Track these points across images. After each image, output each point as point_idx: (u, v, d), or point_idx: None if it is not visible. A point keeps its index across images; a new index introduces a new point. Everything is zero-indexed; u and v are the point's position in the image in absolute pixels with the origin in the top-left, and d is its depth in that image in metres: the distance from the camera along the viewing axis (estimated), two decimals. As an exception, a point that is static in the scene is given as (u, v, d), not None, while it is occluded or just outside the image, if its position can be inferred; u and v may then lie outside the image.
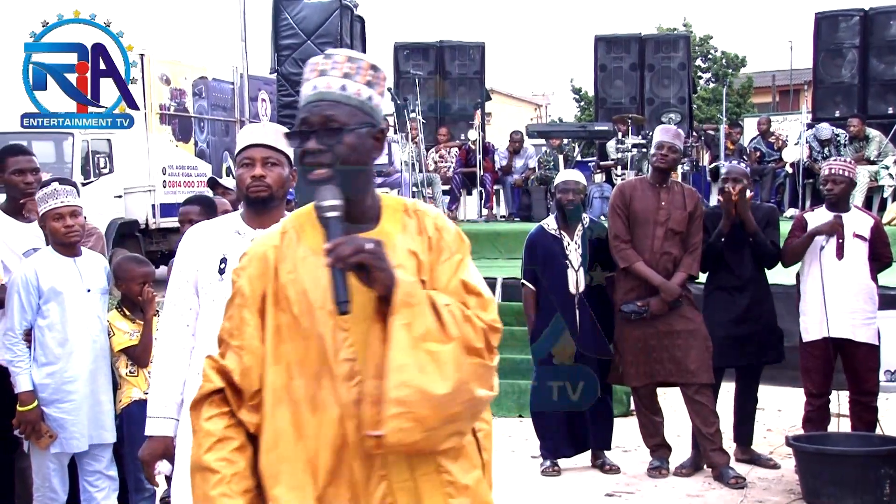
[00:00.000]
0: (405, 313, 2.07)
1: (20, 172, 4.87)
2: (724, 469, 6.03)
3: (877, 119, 13.02)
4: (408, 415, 2.05)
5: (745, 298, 6.23)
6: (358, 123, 2.18)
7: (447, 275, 2.21)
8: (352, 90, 2.19)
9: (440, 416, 2.07)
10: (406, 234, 2.24)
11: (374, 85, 2.23)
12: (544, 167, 13.66)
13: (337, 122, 2.17)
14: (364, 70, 2.22)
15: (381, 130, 2.24)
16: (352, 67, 2.21)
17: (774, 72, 27.56)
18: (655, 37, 16.10)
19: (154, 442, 3.29)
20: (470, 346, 2.10)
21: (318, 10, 12.86)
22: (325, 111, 2.18)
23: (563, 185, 6.41)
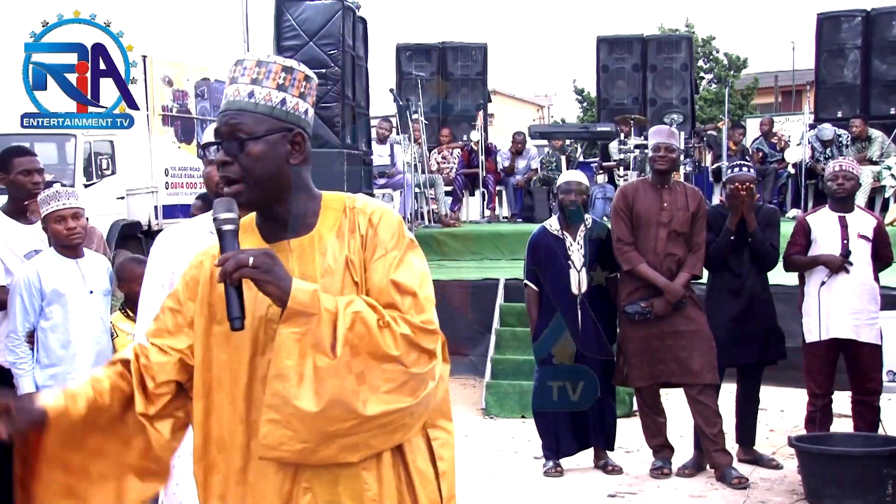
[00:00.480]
0: (298, 322, 2.03)
1: (27, 173, 4.88)
2: (726, 469, 6.03)
3: (879, 119, 13.00)
4: (279, 423, 2.03)
5: (746, 298, 6.23)
6: (266, 130, 2.13)
7: (379, 273, 2.15)
8: (260, 96, 2.15)
9: (313, 431, 2.02)
10: (339, 237, 2.19)
11: (288, 87, 2.17)
12: (547, 168, 13.65)
13: (242, 132, 2.13)
14: (275, 73, 2.16)
15: (298, 134, 2.18)
16: (260, 72, 2.16)
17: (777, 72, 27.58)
18: (657, 38, 16.09)
19: None
20: (383, 354, 2.03)
21: (320, 11, 12.84)
22: (231, 120, 2.14)
23: (565, 186, 6.41)
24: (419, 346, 2.07)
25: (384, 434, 2.08)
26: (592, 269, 6.26)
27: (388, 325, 2.06)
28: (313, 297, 2.05)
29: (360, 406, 2.02)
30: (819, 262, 5.98)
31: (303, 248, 2.19)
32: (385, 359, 2.04)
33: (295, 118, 2.18)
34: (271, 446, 2.04)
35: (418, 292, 2.14)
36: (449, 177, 13.71)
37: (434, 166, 13.74)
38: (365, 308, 2.06)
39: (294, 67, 2.19)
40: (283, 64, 2.18)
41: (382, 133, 13.40)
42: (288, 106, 2.17)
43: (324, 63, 12.67)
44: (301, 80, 2.20)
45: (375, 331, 2.04)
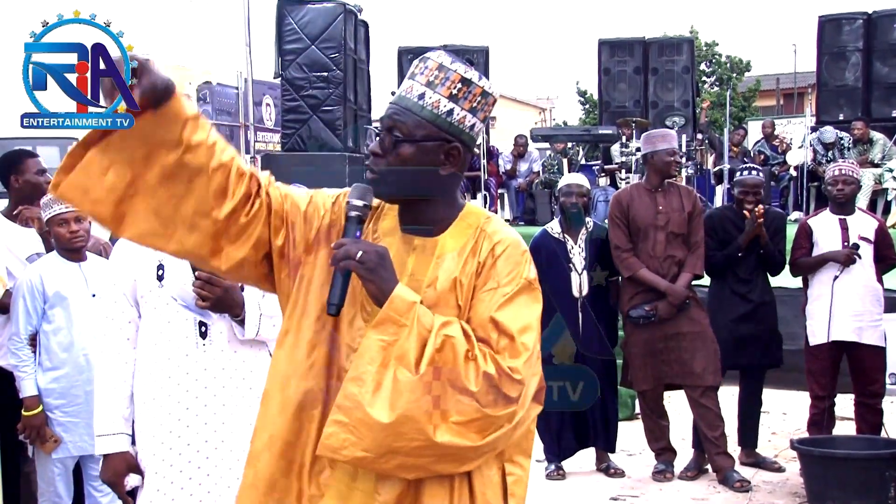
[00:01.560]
0: (388, 330, 2.01)
1: (42, 173, 4.93)
2: (728, 472, 6.03)
3: (881, 122, 13.00)
4: (345, 426, 2.00)
5: (749, 300, 6.24)
6: (423, 136, 2.11)
7: (484, 305, 2.10)
8: (429, 100, 2.11)
9: (379, 442, 1.99)
10: (460, 255, 2.15)
11: (461, 99, 2.12)
12: (548, 171, 13.66)
13: (399, 130, 2.11)
14: (451, 82, 2.12)
15: (456, 147, 2.13)
16: (438, 77, 2.12)
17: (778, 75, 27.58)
18: (659, 40, 16.09)
19: (113, 461, 3.16)
20: (461, 385, 2.00)
21: (322, 14, 12.87)
22: (395, 116, 2.13)
23: (566, 189, 6.41)
24: (499, 389, 2.02)
25: (445, 462, 2.05)
26: (592, 269, 6.26)
27: (476, 358, 2.02)
28: (410, 308, 2.02)
29: (431, 430, 1.99)
30: (826, 259, 5.98)
31: (424, 249, 2.17)
32: (462, 391, 2.00)
33: (458, 130, 2.14)
34: (332, 448, 2.02)
35: (516, 336, 2.07)
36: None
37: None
38: (459, 334, 2.03)
39: (473, 81, 2.14)
40: (463, 75, 2.13)
41: (384, 136, 13.41)
42: (454, 117, 2.12)
43: (325, 66, 12.71)
44: (477, 95, 2.15)
45: (461, 360, 2.01)
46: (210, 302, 3.05)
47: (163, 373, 3.14)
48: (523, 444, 2.23)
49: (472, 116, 2.15)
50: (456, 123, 2.13)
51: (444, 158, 2.14)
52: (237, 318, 3.13)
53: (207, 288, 3.03)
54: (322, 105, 12.71)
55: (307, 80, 12.76)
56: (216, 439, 3.12)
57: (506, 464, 2.19)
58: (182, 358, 3.13)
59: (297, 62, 12.82)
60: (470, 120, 2.15)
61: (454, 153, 2.15)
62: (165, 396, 3.13)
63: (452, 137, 2.13)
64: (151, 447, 3.15)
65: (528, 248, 2.22)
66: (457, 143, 2.14)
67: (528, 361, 2.07)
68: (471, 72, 2.15)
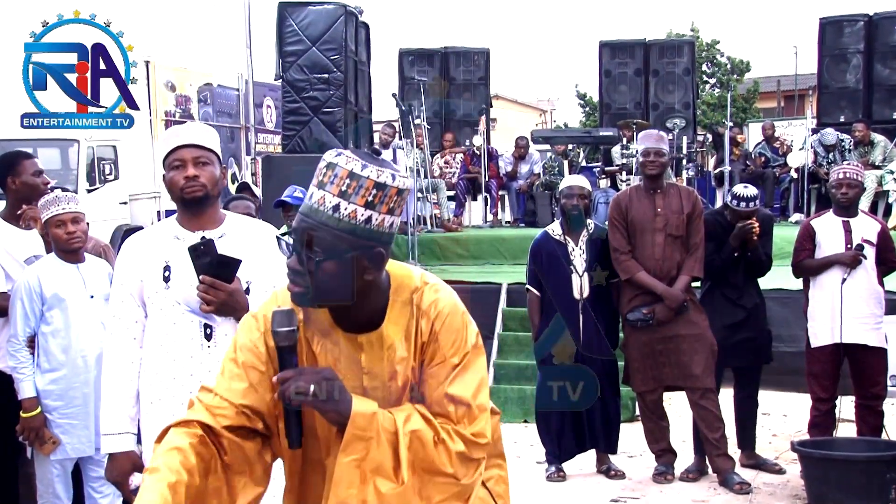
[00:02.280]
0: (356, 448, 2.03)
1: (38, 174, 4.93)
2: (729, 474, 6.03)
3: (881, 124, 13.00)
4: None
5: (742, 305, 6.25)
6: (345, 249, 2.03)
7: (435, 381, 2.12)
8: (345, 212, 2.02)
9: None
10: (406, 339, 2.15)
11: (377, 205, 2.04)
12: (549, 173, 13.65)
13: (318, 246, 2.03)
14: (365, 189, 2.02)
15: (378, 252, 2.07)
16: (350, 185, 2.02)
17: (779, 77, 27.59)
18: (660, 42, 16.09)
19: (119, 460, 3.19)
20: (438, 470, 2.06)
21: (322, 16, 12.87)
22: (310, 231, 2.04)
23: (567, 191, 6.41)
24: (470, 458, 2.08)
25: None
26: (592, 269, 6.25)
27: (444, 441, 2.06)
28: (372, 420, 2.04)
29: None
30: (832, 262, 5.97)
31: (371, 344, 2.15)
32: (439, 474, 2.06)
33: (378, 235, 2.06)
34: None
35: (472, 403, 2.11)
36: (451, 181, 13.72)
37: (437, 171, 13.73)
38: (422, 425, 2.06)
39: (387, 184, 2.04)
40: (377, 180, 2.03)
41: (385, 138, 13.40)
42: (373, 223, 2.04)
43: (326, 68, 12.71)
44: (392, 196, 2.06)
45: (431, 448, 2.05)
46: (214, 306, 3.05)
47: (168, 374, 3.14)
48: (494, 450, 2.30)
49: (391, 216, 2.08)
50: (376, 228, 2.05)
51: (368, 264, 2.07)
52: None
53: (212, 292, 3.04)
54: (323, 107, 12.71)
55: (308, 81, 12.76)
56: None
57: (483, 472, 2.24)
58: (187, 359, 3.13)
59: (298, 64, 12.81)
60: (388, 221, 2.07)
61: (377, 258, 2.08)
62: (170, 397, 3.13)
63: (374, 244, 2.06)
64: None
65: (464, 309, 2.20)
66: (379, 247, 2.07)
67: (488, 420, 2.13)
68: (384, 174, 2.05)
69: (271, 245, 3.25)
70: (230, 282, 3.05)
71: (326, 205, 2.03)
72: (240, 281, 3.09)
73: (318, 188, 2.05)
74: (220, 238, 3.16)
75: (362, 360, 2.14)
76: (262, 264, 3.19)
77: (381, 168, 2.05)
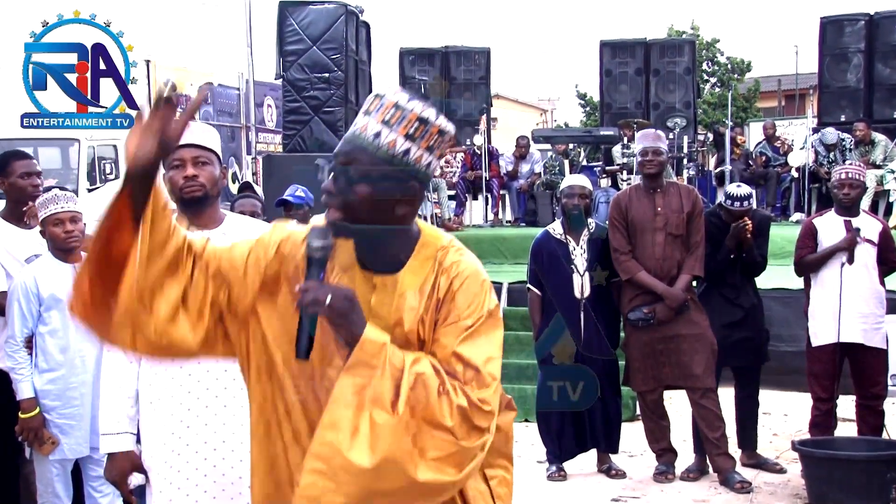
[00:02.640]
0: (361, 372, 2.00)
1: (27, 175, 4.91)
2: (730, 474, 6.03)
3: (882, 123, 13.00)
4: (323, 474, 1.99)
5: (740, 305, 6.25)
6: (380, 176, 2.07)
7: (446, 340, 2.10)
8: (385, 140, 2.07)
9: (361, 487, 1.99)
10: (420, 292, 2.14)
11: (418, 139, 2.08)
12: (550, 172, 13.65)
13: (354, 169, 2.08)
14: (408, 121, 2.07)
15: (411, 186, 2.11)
16: (394, 115, 2.07)
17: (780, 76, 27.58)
18: (660, 42, 16.09)
19: (118, 460, 3.17)
20: (436, 422, 2.01)
21: (323, 15, 12.87)
22: (348, 153, 2.09)
23: (568, 190, 6.41)
24: (472, 421, 2.04)
25: (426, 498, 2.06)
26: (593, 269, 6.25)
27: (448, 393, 2.03)
28: (381, 349, 2.02)
29: (412, 469, 1.99)
30: (832, 251, 5.95)
31: (385, 287, 2.15)
32: (438, 427, 2.01)
33: (414, 170, 2.10)
34: (311, 497, 2.01)
35: (481, 368, 2.08)
36: (452, 181, 13.72)
37: (437, 170, 13.74)
38: (429, 370, 2.04)
39: (430, 120, 2.09)
40: (420, 115, 2.08)
41: (386, 137, 13.41)
42: (410, 156, 2.08)
43: (327, 67, 12.70)
44: (433, 134, 2.10)
45: (434, 397, 2.01)
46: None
47: (166, 373, 3.14)
48: (503, 448, 2.27)
49: (429, 155, 2.12)
50: (412, 163, 2.09)
51: (401, 197, 2.11)
52: None
53: None
54: (323, 106, 12.71)
55: (308, 81, 12.76)
56: (216, 440, 3.12)
57: (486, 469, 2.22)
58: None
59: (299, 63, 12.81)
60: (426, 159, 2.11)
61: (410, 192, 2.11)
62: (168, 397, 3.12)
63: (409, 177, 2.10)
64: (154, 447, 3.15)
65: (487, 278, 2.20)
66: (413, 182, 2.11)
67: (496, 391, 2.10)
68: (428, 110, 2.10)
69: None
70: None
71: (368, 132, 2.08)
72: None
73: (364, 115, 2.11)
74: (221, 237, 3.16)
75: (372, 300, 2.14)
76: None
77: (427, 105, 2.10)
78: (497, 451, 2.24)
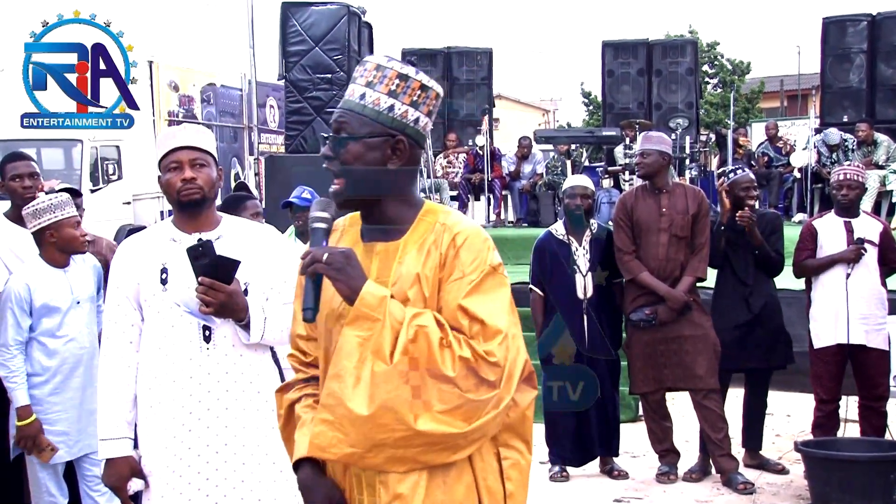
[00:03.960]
0: (363, 325, 2.08)
1: (18, 178, 4.91)
2: (732, 474, 6.02)
3: (885, 124, 12.98)
4: (331, 424, 2.07)
5: (752, 302, 6.22)
6: (368, 133, 2.20)
7: (451, 295, 2.16)
8: (370, 99, 2.21)
9: (363, 435, 2.05)
10: (420, 251, 2.21)
11: (400, 94, 2.22)
12: (552, 172, 13.64)
13: (345, 131, 2.22)
14: (388, 79, 2.22)
15: (400, 140, 2.22)
16: (376, 76, 2.22)
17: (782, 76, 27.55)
18: (663, 42, 16.08)
19: (117, 465, 3.15)
20: (439, 373, 2.05)
21: (325, 16, 12.87)
22: (339, 118, 2.24)
23: (570, 191, 6.40)
24: (477, 373, 2.08)
25: (433, 451, 2.10)
26: (595, 270, 6.24)
27: (450, 345, 2.07)
28: (381, 302, 2.09)
29: (411, 419, 2.04)
30: (834, 260, 5.95)
31: (387, 253, 2.23)
32: (441, 379, 2.05)
33: (401, 125, 2.22)
34: (321, 447, 2.09)
35: (487, 321, 2.14)
36: (454, 181, 13.72)
37: (439, 171, 13.74)
38: (432, 324, 2.09)
39: (410, 76, 2.23)
40: (400, 71, 2.23)
41: (388, 138, 13.40)
42: (396, 112, 2.22)
43: (329, 68, 12.71)
44: (416, 89, 2.23)
45: (436, 348, 2.06)
46: (214, 307, 3.04)
47: (167, 377, 3.13)
48: (519, 428, 2.28)
49: (415, 110, 2.24)
50: (399, 118, 2.22)
51: (391, 153, 2.22)
52: (241, 323, 3.12)
53: (211, 293, 3.02)
54: (326, 107, 12.69)
55: (311, 81, 12.76)
56: (218, 443, 3.11)
57: (501, 448, 2.24)
58: (186, 362, 3.11)
59: (301, 64, 12.81)
60: (412, 114, 2.23)
61: (400, 147, 2.23)
62: (169, 400, 3.11)
63: (396, 132, 2.22)
64: (155, 451, 3.14)
65: (489, 238, 2.27)
66: (401, 136, 2.22)
67: (504, 344, 2.13)
68: (407, 68, 2.24)
69: (269, 246, 3.25)
70: (229, 283, 3.03)
71: (355, 95, 2.24)
72: (238, 282, 3.08)
73: (351, 83, 2.27)
74: (218, 239, 3.15)
75: (373, 267, 2.22)
76: (261, 265, 3.19)
77: (407, 66, 2.25)
78: (513, 429, 2.25)
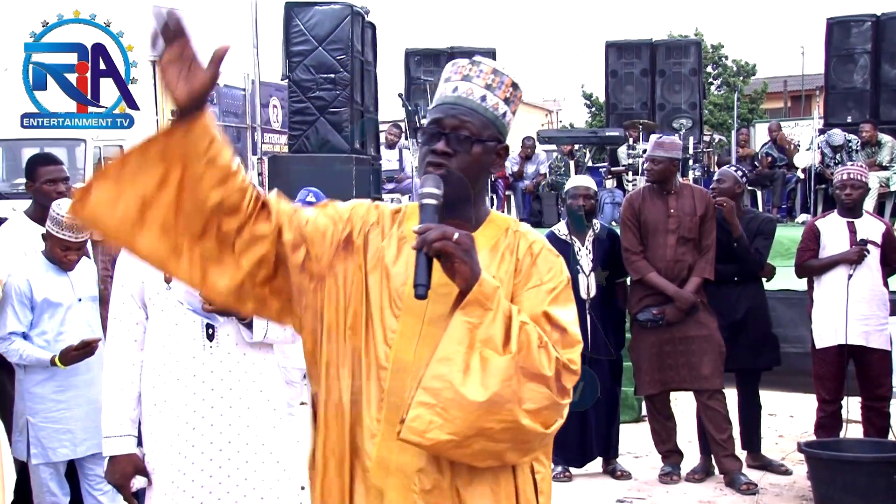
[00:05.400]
0: (475, 312, 2.01)
1: (52, 182, 4.99)
2: (735, 475, 6.02)
3: (889, 124, 12.96)
4: (432, 407, 1.96)
5: (740, 307, 6.24)
6: (488, 137, 2.19)
7: (533, 302, 2.13)
8: (490, 102, 2.20)
9: (469, 423, 1.96)
10: (493, 252, 2.19)
11: (511, 102, 2.24)
12: (555, 173, 13.65)
13: (468, 132, 2.17)
14: (505, 86, 2.22)
15: (505, 147, 2.26)
16: (494, 80, 2.22)
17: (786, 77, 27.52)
18: (666, 42, 16.08)
19: (120, 462, 3.17)
20: (535, 371, 2.01)
21: (329, 16, 12.86)
22: (461, 117, 2.17)
23: (573, 191, 6.41)
24: (561, 380, 2.06)
25: (518, 450, 2.06)
26: (596, 270, 6.24)
27: (547, 346, 2.05)
28: (495, 291, 2.04)
29: (519, 411, 1.99)
30: (837, 261, 5.95)
31: None
32: (536, 377, 2.01)
33: (506, 132, 2.25)
34: (417, 431, 1.97)
35: (568, 329, 2.12)
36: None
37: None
38: (531, 323, 2.07)
39: (518, 85, 2.26)
40: (513, 80, 2.24)
41: (391, 138, 13.40)
42: (506, 119, 2.23)
43: (332, 68, 12.70)
44: (519, 100, 2.28)
45: (535, 347, 2.03)
46: (216, 305, 3.05)
47: (171, 375, 3.14)
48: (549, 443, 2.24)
49: (513, 117, 2.27)
50: (507, 125, 2.24)
51: (497, 158, 2.24)
52: (244, 322, 3.13)
53: None
54: (329, 107, 12.70)
55: (314, 81, 12.75)
56: (221, 441, 3.12)
57: (534, 462, 2.21)
58: (189, 360, 3.13)
59: (305, 64, 12.81)
60: (512, 122, 2.26)
61: (502, 153, 2.25)
62: (174, 398, 3.13)
63: (503, 138, 2.24)
64: (159, 449, 3.15)
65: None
66: (506, 143, 2.26)
67: (579, 354, 2.13)
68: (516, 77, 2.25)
69: None
70: None
71: (475, 95, 2.20)
72: None
73: (464, 80, 2.22)
74: None
75: None
76: None
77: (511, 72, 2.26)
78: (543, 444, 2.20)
